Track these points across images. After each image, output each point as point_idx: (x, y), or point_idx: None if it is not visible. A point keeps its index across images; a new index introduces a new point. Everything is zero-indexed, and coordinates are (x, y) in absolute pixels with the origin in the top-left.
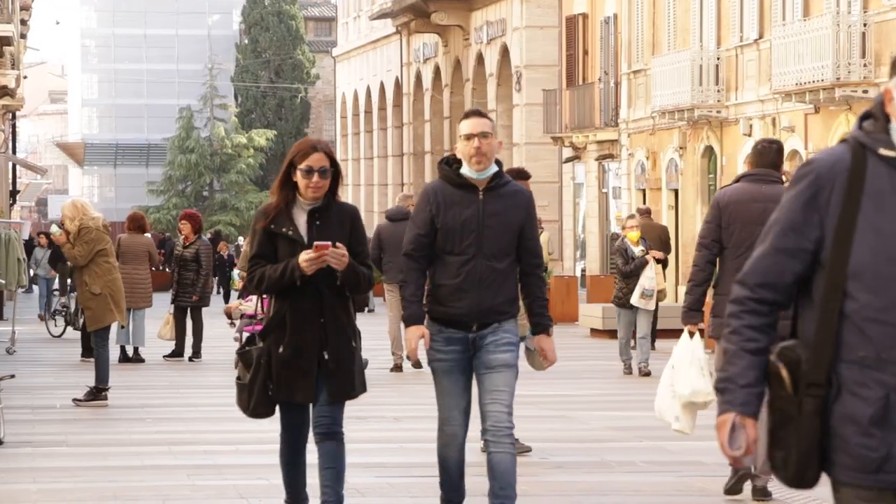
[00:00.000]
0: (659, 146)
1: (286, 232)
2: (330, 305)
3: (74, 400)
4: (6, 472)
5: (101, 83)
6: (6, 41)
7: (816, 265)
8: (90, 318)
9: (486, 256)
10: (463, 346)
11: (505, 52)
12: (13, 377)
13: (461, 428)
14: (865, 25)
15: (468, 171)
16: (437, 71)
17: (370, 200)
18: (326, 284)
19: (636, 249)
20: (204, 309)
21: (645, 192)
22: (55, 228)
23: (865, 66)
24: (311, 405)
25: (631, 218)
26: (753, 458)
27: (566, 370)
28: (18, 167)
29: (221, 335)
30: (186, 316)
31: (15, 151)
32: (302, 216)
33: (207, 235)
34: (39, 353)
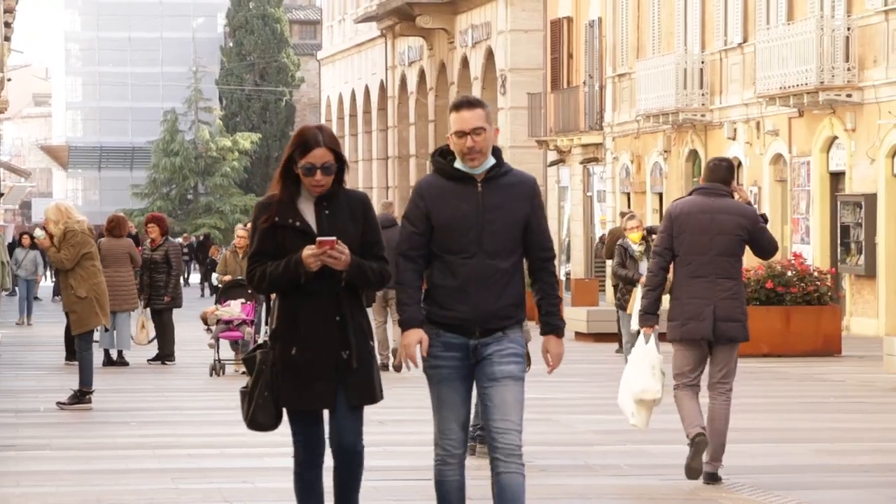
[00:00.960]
0: (643, 150)
1: (293, 223)
2: (347, 301)
3: (58, 403)
4: None
5: (85, 86)
6: None
7: None
8: (75, 321)
9: (487, 254)
10: (463, 352)
11: (490, 55)
12: None
13: (461, 444)
14: (849, 29)
15: (462, 166)
16: (421, 74)
17: None
18: (335, 280)
19: (635, 248)
20: (178, 311)
21: (629, 195)
22: (39, 232)
23: (849, 69)
24: (326, 415)
25: (631, 218)
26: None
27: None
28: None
29: (203, 338)
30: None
31: None
32: (309, 206)
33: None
34: (23, 356)
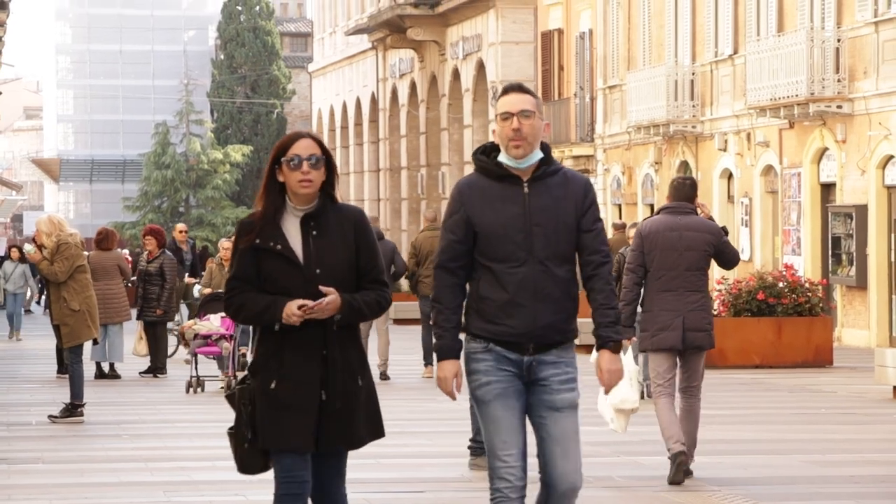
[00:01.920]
0: (634, 161)
1: (274, 247)
2: (335, 334)
3: (50, 416)
4: None
5: (76, 99)
6: None
7: None
8: (67, 334)
9: (539, 261)
10: (517, 369)
11: (481, 67)
12: None
13: (523, 475)
14: (839, 41)
15: (506, 158)
16: (412, 86)
17: None
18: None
19: None
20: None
21: (621, 206)
22: (28, 247)
23: (839, 81)
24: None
25: (634, 227)
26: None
27: None
28: None
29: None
30: None
31: None
32: (294, 225)
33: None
34: (14, 369)
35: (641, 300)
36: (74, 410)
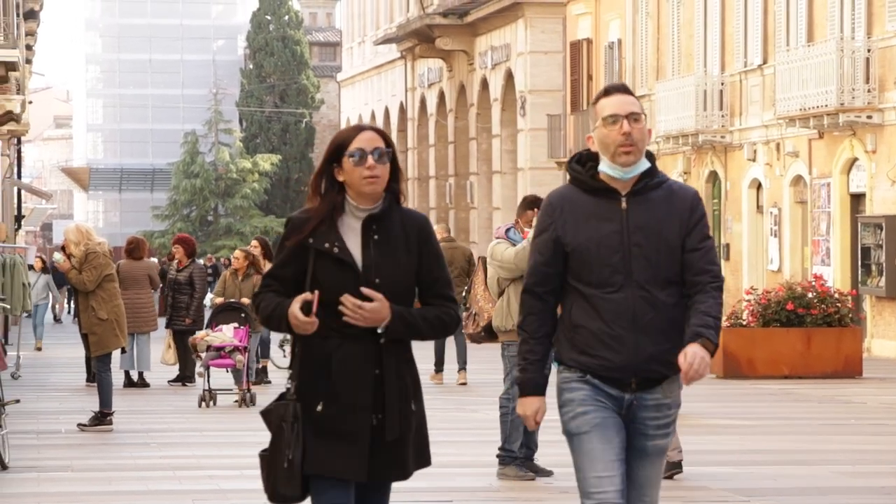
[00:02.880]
0: (663, 171)
1: (331, 249)
2: (392, 350)
3: (79, 425)
4: (11, 497)
5: (106, 108)
6: (11, 66)
7: None
8: (95, 343)
9: (638, 285)
10: (617, 405)
11: (509, 77)
12: (18, 402)
13: None
14: (869, 51)
15: (610, 167)
16: (441, 96)
17: None
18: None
19: None
20: None
21: None
22: (58, 255)
23: (869, 91)
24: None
25: None
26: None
27: None
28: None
29: None
30: None
31: (20, 176)
32: (354, 227)
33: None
34: (44, 377)
35: None
36: (103, 419)
